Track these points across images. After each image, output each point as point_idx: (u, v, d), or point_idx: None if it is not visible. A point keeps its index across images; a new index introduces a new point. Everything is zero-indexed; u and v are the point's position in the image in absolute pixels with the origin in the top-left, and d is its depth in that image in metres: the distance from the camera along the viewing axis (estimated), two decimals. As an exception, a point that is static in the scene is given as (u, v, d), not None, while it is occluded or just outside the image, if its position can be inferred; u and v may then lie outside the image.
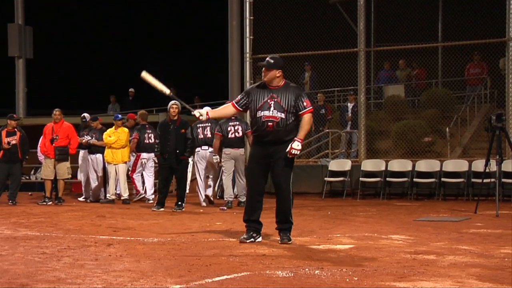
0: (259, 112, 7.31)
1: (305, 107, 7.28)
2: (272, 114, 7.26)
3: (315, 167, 15.86)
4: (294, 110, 7.27)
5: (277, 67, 7.33)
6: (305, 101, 7.30)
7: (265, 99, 7.31)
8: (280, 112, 7.25)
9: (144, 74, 7.67)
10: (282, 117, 7.25)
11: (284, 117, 7.25)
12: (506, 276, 5.44)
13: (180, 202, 12.02)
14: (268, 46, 15.52)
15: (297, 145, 7.17)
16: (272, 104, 7.28)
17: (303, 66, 17.88)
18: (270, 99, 7.29)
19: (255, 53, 16.29)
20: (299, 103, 7.27)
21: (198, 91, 24.54)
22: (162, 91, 7.61)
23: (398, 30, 16.87)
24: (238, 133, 12.55)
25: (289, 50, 15.26)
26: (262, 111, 7.30)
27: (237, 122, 12.51)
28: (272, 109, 7.27)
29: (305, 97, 7.40)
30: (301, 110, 7.28)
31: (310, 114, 7.34)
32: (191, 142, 12.27)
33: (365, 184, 15.19)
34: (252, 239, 7.36)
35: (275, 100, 7.28)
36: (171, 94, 7.75)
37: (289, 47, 15.12)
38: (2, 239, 7.86)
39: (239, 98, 7.56)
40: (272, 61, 7.36)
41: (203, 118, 7.48)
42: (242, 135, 12.63)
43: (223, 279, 5.27)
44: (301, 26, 16.95)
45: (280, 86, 7.36)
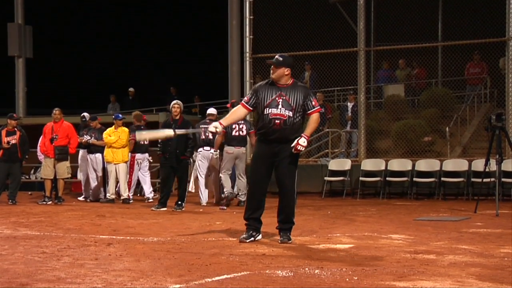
0: (267, 109, 7.30)
1: (313, 106, 7.33)
2: (279, 112, 7.26)
3: (315, 167, 15.86)
4: (302, 109, 7.30)
5: (285, 65, 7.33)
6: (313, 100, 7.37)
7: (273, 97, 7.31)
8: (288, 110, 7.25)
9: (138, 135, 8.03)
10: (289, 115, 7.25)
11: (291, 115, 7.25)
12: (506, 275, 5.44)
13: (180, 202, 12.02)
14: (268, 46, 15.53)
15: (303, 141, 7.18)
16: (280, 102, 7.27)
17: (303, 65, 17.88)
18: (279, 97, 7.29)
19: (255, 52, 16.30)
20: (308, 103, 7.30)
21: (198, 91, 24.56)
22: (168, 136, 7.80)
23: (398, 29, 16.86)
24: (242, 131, 12.56)
25: (289, 50, 15.21)
26: (270, 108, 7.28)
27: (242, 121, 12.50)
28: (280, 106, 7.27)
29: (313, 96, 7.47)
30: (309, 110, 7.31)
31: (318, 114, 7.38)
32: (192, 142, 12.26)
33: (365, 183, 15.20)
34: (252, 238, 7.36)
35: (284, 98, 7.28)
36: (175, 134, 8.33)
37: (289, 47, 15.09)
38: (2, 239, 7.86)
39: (249, 97, 7.48)
40: (281, 58, 7.37)
41: (220, 129, 7.46)
42: (245, 134, 12.64)
43: (223, 279, 5.28)
44: (301, 25, 16.93)
45: (288, 85, 7.37)
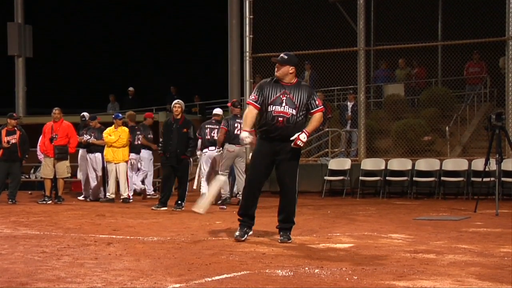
0: (271, 106, 7.30)
1: (317, 106, 7.37)
2: (283, 110, 7.27)
3: (315, 166, 15.86)
4: (305, 108, 7.32)
5: (290, 64, 7.36)
6: (317, 100, 7.42)
7: (277, 94, 7.32)
8: (291, 108, 7.27)
9: (198, 209, 8.48)
10: (293, 113, 7.26)
11: (295, 113, 7.27)
12: (506, 275, 5.44)
13: (180, 201, 12.01)
14: (268, 45, 15.53)
15: (303, 136, 7.20)
16: (284, 99, 7.29)
17: (303, 65, 17.86)
18: (283, 95, 7.31)
19: (255, 52, 16.30)
20: (312, 102, 7.34)
21: (198, 90, 24.55)
22: (220, 185, 8.18)
23: (398, 29, 16.85)
24: None
25: (288, 49, 15.05)
26: (274, 106, 7.29)
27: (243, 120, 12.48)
28: (284, 104, 7.28)
29: (317, 96, 7.52)
30: (313, 109, 7.35)
31: (321, 113, 7.42)
32: (193, 141, 12.24)
33: (364, 183, 15.20)
34: (246, 236, 7.42)
35: (288, 96, 7.30)
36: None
37: (288, 46, 15.03)
38: (2, 238, 7.86)
39: (256, 96, 7.42)
40: (286, 57, 7.41)
41: (251, 136, 7.42)
42: None
43: (223, 278, 5.27)
44: (300, 25, 16.93)
45: (293, 83, 7.39)
